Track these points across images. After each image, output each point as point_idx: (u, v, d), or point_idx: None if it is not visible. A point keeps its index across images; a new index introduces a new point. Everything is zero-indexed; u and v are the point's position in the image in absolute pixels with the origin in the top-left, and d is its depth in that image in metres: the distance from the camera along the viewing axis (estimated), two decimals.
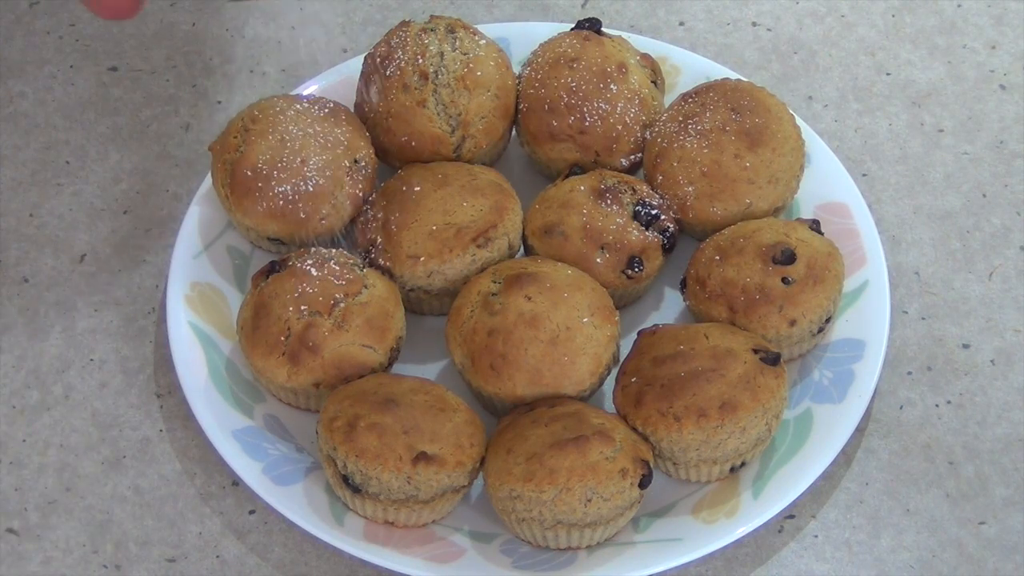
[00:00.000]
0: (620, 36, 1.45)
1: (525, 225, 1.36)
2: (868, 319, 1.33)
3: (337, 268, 1.29)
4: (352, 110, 1.42)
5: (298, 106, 1.38)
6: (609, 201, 1.34)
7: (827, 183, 1.42)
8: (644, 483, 1.20)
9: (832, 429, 1.27)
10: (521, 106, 1.42)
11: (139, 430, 1.34)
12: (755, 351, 1.24)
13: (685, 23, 1.61)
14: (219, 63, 1.59)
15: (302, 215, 1.35)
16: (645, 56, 1.44)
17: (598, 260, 1.33)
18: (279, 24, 1.62)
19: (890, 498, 1.28)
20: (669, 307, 1.39)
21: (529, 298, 1.26)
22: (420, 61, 1.38)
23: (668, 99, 1.45)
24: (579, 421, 1.20)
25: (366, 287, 1.29)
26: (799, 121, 1.40)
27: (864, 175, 1.48)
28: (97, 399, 1.35)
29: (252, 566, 1.26)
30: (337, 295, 1.28)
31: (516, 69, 1.45)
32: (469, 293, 1.30)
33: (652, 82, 1.43)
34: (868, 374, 1.29)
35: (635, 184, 1.36)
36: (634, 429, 1.24)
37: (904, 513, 1.27)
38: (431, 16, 1.43)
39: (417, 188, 1.34)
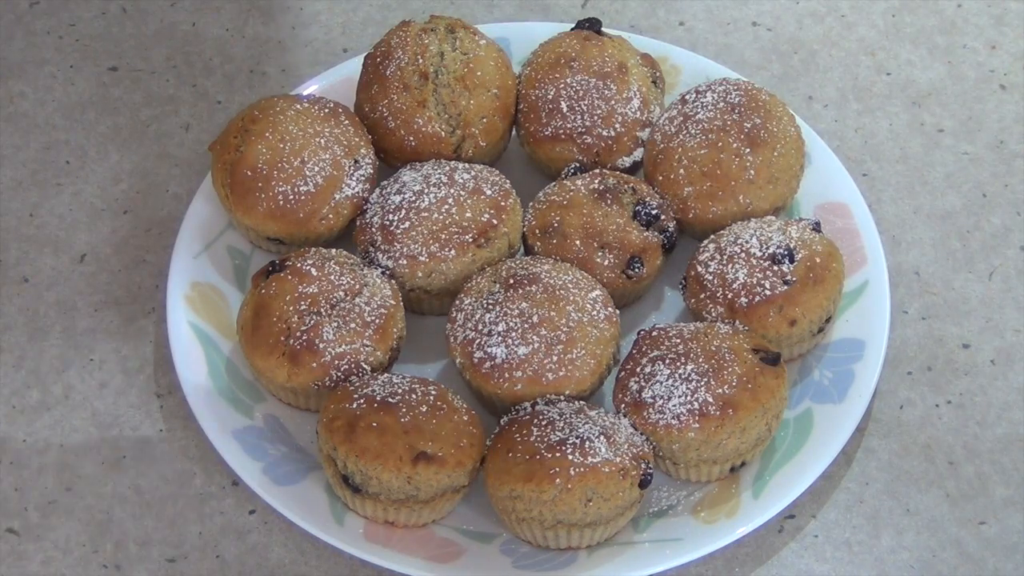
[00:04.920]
0: (620, 36, 1.45)
1: (525, 225, 1.36)
2: (868, 319, 1.33)
3: (337, 268, 1.29)
4: (352, 110, 1.42)
5: (298, 106, 1.38)
6: (609, 201, 1.34)
7: (827, 183, 1.42)
8: (644, 483, 1.20)
9: (832, 429, 1.27)
10: (521, 106, 1.43)
11: (139, 430, 1.34)
12: (755, 351, 1.24)
13: (685, 23, 1.61)
14: (219, 63, 1.59)
15: (302, 215, 1.35)
16: (645, 56, 1.44)
17: (598, 260, 1.33)
18: (279, 24, 1.62)
19: (890, 498, 1.28)
20: (669, 307, 1.39)
21: (529, 298, 1.26)
22: (420, 61, 1.38)
23: (668, 99, 1.45)
24: (579, 421, 1.20)
25: (366, 287, 1.29)
26: (799, 121, 1.40)
27: (864, 175, 1.48)
28: (97, 399, 1.35)
29: (252, 566, 1.26)
30: (337, 295, 1.28)
31: (516, 69, 1.45)
32: (469, 293, 1.30)
33: (652, 82, 1.43)
34: (868, 374, 1.29)
35: (635, 184, 1.36)
36: (634, 429, 1.24)
37: (904, 513, 1.27)
38: (431, 16, 1.43)
39: (417, 188, 1.34)
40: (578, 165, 1.39)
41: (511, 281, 1.27)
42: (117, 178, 1.50)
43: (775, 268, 1.29)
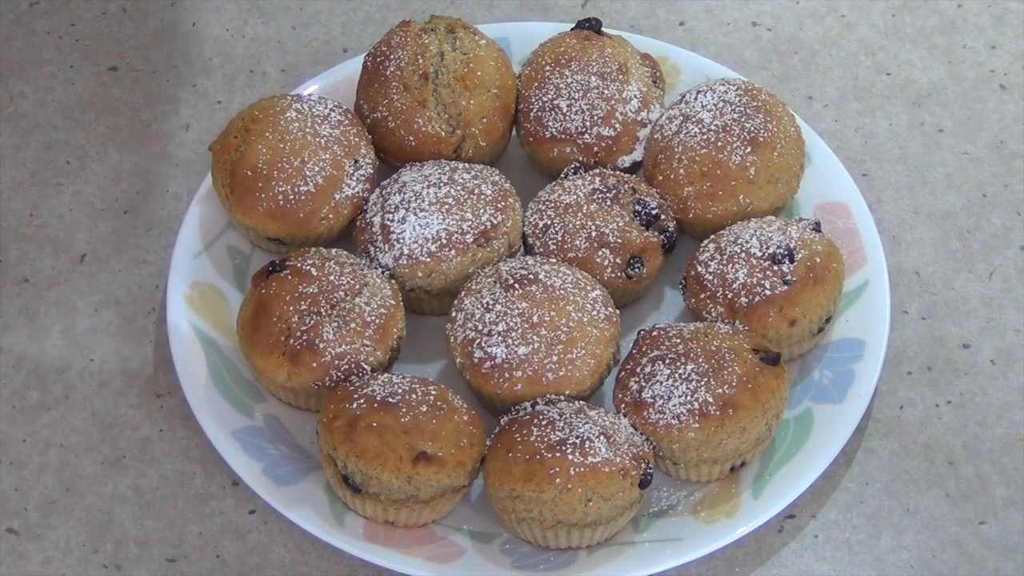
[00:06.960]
0: (620, 36, 1.45)
1: (525, 225, 1.37)
2: (868, 319, 1.33)
3: (337, 268, 1.29)
4: (352, 110, 1.42)
5: (298, 106, 1.38)
6: (609, 201, 1.34)
7: (827, 183, 1.42)
8: (644, 483, 1.20)
9: (832, 429, 1.27)
10: (521, 106, 1.43)
11: (139, 430, 1.34)
12: (755, 351, 1.24)
13: (685, 23, 1.61)
14: (219, 63, 1.59)
15: (302, 215, 1.35)
16: (645, 56, 1.44)
17: (598, 260, 1.33)
18: (279, 24, 1.62)
19: (890, 498, 1.28)
20: (669, 307, 1.39)
21: (529, 298, 1.26)
22: (420, 61, 1.39)
23: (668, 99, 1.45)
24: (579, 421, 1.20)
25: (366, 287, 1.29)
26: (799, 121, 1.40)
27: (864, 175, 1.48)
28: (97, 399, 1.35)
29: (252, 566, 1.26)
30: (337, 295, 1.28)
31: (516, 69, 1.45)
32: (469, 293, 1.30)
33: (652, 82, 1.43)
34: (868, 374, 1.29)
35: (635, 184, 1.36)
36: (634, 429, 1.24)
37: (904, 513, 1.28)
38: (431, 16, 1.43)
39: (417, 188, 1.34)
40: (578, 165, 1.39)
41: (511, 281, 1.27)
42: (117, 178, 1.50)
43: (775, 268, 1.29)
